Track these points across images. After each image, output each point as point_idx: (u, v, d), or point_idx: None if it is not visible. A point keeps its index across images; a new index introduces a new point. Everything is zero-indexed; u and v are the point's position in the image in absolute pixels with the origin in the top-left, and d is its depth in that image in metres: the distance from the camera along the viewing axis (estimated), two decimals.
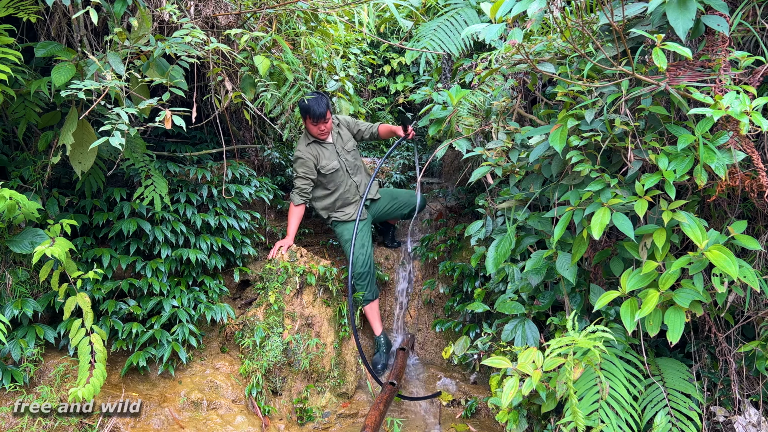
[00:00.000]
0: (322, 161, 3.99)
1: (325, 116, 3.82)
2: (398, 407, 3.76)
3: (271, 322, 3.70)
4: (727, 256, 1.95)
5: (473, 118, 3.11)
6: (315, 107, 3.77)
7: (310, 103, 3.77)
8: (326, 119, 3.83)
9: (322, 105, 3.79)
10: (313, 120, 3.81)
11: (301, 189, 3.99)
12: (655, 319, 2.14)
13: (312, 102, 3.77)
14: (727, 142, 2.06)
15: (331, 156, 4.03)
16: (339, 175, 4.07)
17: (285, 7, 3.47)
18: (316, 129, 3.86)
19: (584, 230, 2.34)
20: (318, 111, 3.76)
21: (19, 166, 3.36)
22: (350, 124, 4.27)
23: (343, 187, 4.12)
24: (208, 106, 4.01)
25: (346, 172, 4.12)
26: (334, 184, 4.08)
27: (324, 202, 4.13)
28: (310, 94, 3.78)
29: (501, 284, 3.34)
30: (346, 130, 4.23)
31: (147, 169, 3.60)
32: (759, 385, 2.55)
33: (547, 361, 2.27)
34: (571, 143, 2.30)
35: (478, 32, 2.46)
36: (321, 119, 3.81)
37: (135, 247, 3.60)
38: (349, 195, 4.15)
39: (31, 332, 3.15)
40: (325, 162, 4.00)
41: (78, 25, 3.00)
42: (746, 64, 2.06)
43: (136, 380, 3.44)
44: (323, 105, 3.79)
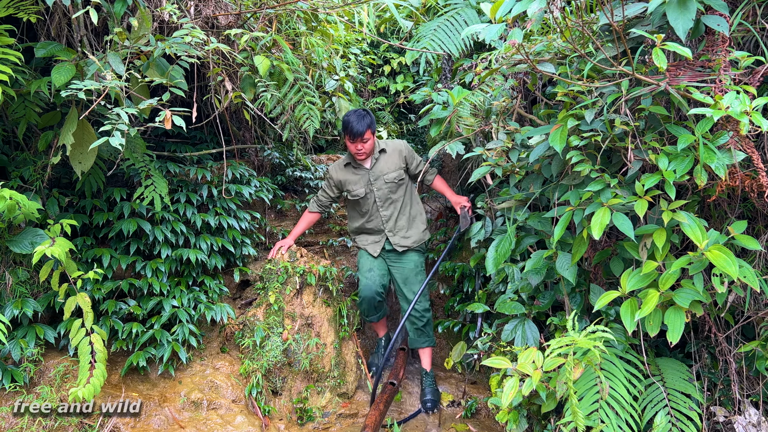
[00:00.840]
0: (348, 186, 3.80)
1: (363, 135, 3.57)
2: (398, 407, 3.76)
3: (271, 322, 3.70)
4: (727, 256, 1.95)
5: (473, 118, 3.11)
6: (355, 124, 3.56)
7: (350, 119, 3.58)
8: (364, 139, 3.58)
9: (363, 123, 3.56)
10: (351, 137, 3.59)
11: (320, 199, 3.92)
12: (655, 319, 2.14)
13: (353, 118, 3.58)
14: (727, 142, 2.06)
15: (360, 182, 3.77)
16: (366, 203, 3.81)
17: (285, 7, 3.47)
18: (354, 147, 3.64)
19: (584, 230, 2.34)
20: (357, 128, 3.54)
21: (19, 166, 3.36)
22: (405, 153, 3.85)
23: (368, 216, 3.85)
24: (208, 106, 4.01)
25: (374, 203, 3.81)
26: (360, 209, 3.86)
27: (352, 223, 3.99)
28: (353, 111, 3.63)
29: (501, 284, 3.35)
30: (396, 159, 3.81)
31: (147, 169, 3.61)
32: (759, 385, 2.55)
33: (547, 361, 2.27)
34: (571, 143, 2.30)
35: (478, 32, 2.46)
36: (359, 137, 3.56)
37: (135, 247, 3.60)
38: (372, 225, 3.86)
39: (31, 332, 3.15)
40: (352, 187, 3.79)
41: (78, 25, 3.00)
42: (746, 64, 2.06)
43: (136, 380, 3.44)
44: (364, 124, 3.56)
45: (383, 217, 3.82)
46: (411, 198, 3.93)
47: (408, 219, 3.88)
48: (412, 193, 3.94)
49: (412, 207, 3.92)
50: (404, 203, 3.87)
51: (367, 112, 3.60)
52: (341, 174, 3.81)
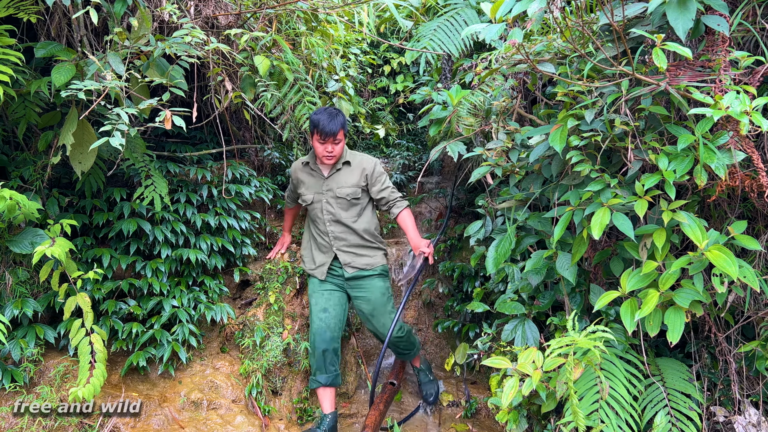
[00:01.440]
0: (301, 188, 3.48)
1: (335, 135, 3.22)
2: (398, 407, 3.76)
3: (271, 322, 3.70)
4: (727, 256, 1.95)
5: (473, 118, 3.11)
6: (327, 123, 3.19)
7: (320, 117, 3.22)
8: (336, 140, 3.24)
9: (336, 122, 3.21)
10: (322, 137, 3.22)
11: (287, 194, 3.77)
12: (655, 319, 2.14)
13: (323, 116, 3.22)
14: (727, 142, 2.06)
15: (312, 187, 3.44)
16: (314, 210, 3.46)
17: (285, 7, 3.47)
18: (323, 149, 3.27)
19: (584, 230, 2.34)
20: (329, 128, 3.19)
21: (19, 166, 3.36)
22: (368, 173, 3.44)
23: (318, 226, 3.47)
24: (208, 106, 4.01)
25: (322, 213, 3.42)
26: (311, 216, 3.52)
27: (305, 235, 3.64)
28: (324, 109, 3.29)
29: (501, 284, 3.35)
30: (357, 176, 3.41)
31: (147, 169, 3.61)
32: (759, 385, 2.55)
33: (547, 361, 2.27)
34: (571, 143, 2.30)
35: (478, 32, 2.46)
36: (330, 138, 3.21)
37: (135, 247, 3.60)
38: (321, 240, 3.47)
39: (31, 332, 3.15)
40: (303, 190, 3.47)
41: (78, 25, 3.00)
42: (746, 64, 2.06)
43: (136, 380, 3.44)
44: (337, 123, 3.22)
45: (330, 233, 3.43)
46: (367, 222, 3.46)
47: (361, 241, 3.45)
48: (369, 218, 3.49)
49: (365, 232, 3.44)
50: (356, 226, 3.42)
51: (339, 112, 3.28)
52: (299, 173, 3.50)
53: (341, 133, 3.26)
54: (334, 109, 3.28)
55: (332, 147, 3.27)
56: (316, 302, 3.41)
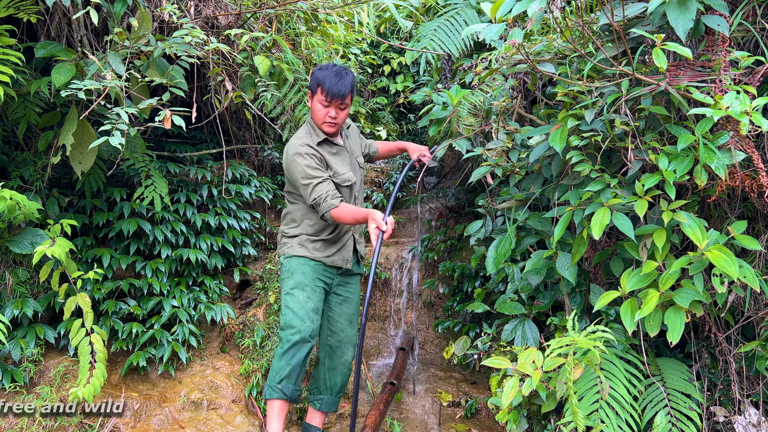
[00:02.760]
0: (336, 166, 2.83)
1: (345, 98, 2.71)
2: (398, 407, 3.76)
3: (271, 322, 3.70)
4: (727, 256, 1.95)
5: (473, 118, 3.11)
6: (334, 81, 2.67)
7: (326, 74, 2.69)
8: (343, 104, 2.74)
9: (345, 82, 2.70)
10: (327, 97, 2.68)
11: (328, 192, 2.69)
12: (655, 319, 2.13)
13: (330, 73, 2.69)
14: (727, 142, 2.06)
15: (346, 163, 2.90)
16: (350, 193, 2.92)
17: (285, 7, 3.47)
18: (324, 113, 2.72)
19: (584, 230, 2.34)
20: (337, 89, 2.67)
21: (19, 166, 3.36)
22: (359, 134, 3.18)
23: None
24: (208, 106, 4.01)
25: (354, 194, 2.96)
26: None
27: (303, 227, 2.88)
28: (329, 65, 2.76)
29: (501, 284, 3.34)
30: (358, 137, 3.13)
31: (147, 169, 3.61)
32: (759, 385, 2.55)
33: (547, 361, 2.27)
34: (571, 143, 2.30)
35: (478, 32, 2.46)
36: (337, 100, 2.69)
37: (135, 247, 3.60)
38: (345, 227, 2.94)
39: (31, 332, 3.15)
40: (340, 169, 2.84)
41: (78, 25, 3.00)
42: (746, 64, 2.06)
43: (136, 380, 3.43)
44: (347, 83, 2.71)
45: None
46: None
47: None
48: None
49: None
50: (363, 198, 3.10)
51: (348, 70, 2.77)
52: (323, 150, 2.82)
53: (350, 96, 2.75)
54: (342, 67, 2.77)
55: (336, 112, 2.74)
56: (308, 297, 2.80)
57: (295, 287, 2.81)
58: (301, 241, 2.89)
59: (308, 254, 2.88)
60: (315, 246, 2.90)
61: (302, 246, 2.89)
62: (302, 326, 2.72)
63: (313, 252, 2.89)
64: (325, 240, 2.91)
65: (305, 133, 2.82)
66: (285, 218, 3.00)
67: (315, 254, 2.89)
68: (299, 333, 2.71)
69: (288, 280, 2.86)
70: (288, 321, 2.76)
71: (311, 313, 2.77)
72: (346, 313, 3.01)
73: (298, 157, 2.71)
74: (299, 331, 2.72)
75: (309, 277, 2.86)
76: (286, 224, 2.99)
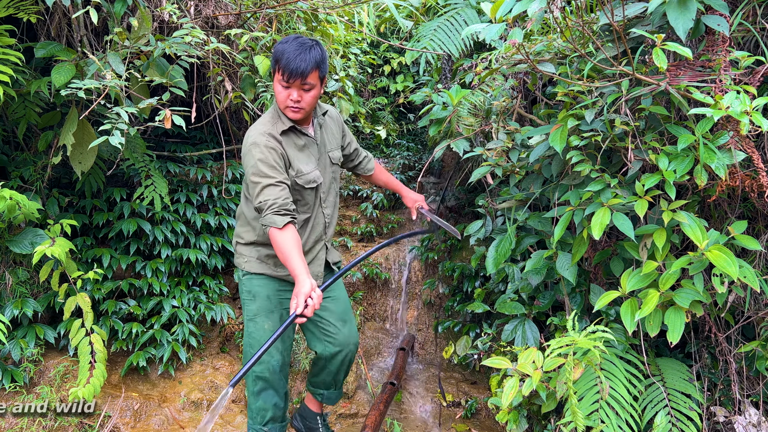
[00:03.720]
0: (297, 163, 2.38)
1: (306, 76, 2.22)
2: (398, 407, 3.76)
3: None
4: (727, 257, 1.95)
5: (473, 118, 3.11)
6: (293, 56, 2.19)
7: (286, 47, 2.22)
8: (307, 84, 2.24)
9: (307, 58, 2.20)
10: (285, 75, 2.21)
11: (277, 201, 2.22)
12: (656, 320, 2.13)
13: (291, 46, 2.21)
14: (728, 142, 2.06)
15: (311, 158, 2.44)
16: (315, 195, 2.48)
17: (285, 7, 3.47)
18: (284, 96, 2.27)
19: (584, 230, 2.34)
20: (296, 64, 2.19)
21: (19, 166, 3.36)
22: (342, 125, 2.69)
23: (313, 219, 2.49)
24: (208, 106, 4.01)
25: (320, 197, 2.51)
26: (304, 208, 2.45)
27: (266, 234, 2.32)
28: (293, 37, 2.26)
29: (501, 284, 3.34)
30: (336, 129, 2.63)
31: (147, 169, 3.61)
32: (759, 385, 2.55)
33: (547, 361, 2.27)
34: (571, 143, 2.30)
35: (478, 32, 2.46)
36: (296, 78, 2.21)
37: (135, 247, 3.61)
38: (314, 235, 2.52)
39: (31, 332, 3.15)
40: (303, 166, 2.39)
41: (78, 25, 3.00)
42: (746, 64, 2.06)
43: (136, 380, 3.44)
44: (309, 59, 2.21)
45: (327, 217, 2.56)
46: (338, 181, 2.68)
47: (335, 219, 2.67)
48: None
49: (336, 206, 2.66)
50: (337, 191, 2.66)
51: (316, 44, 2.27)
52: (286, 143, 2.36)
53: (314, 75, 2.25)
54: (310, 40, 2.28)
55: (299, 95, 2.27)
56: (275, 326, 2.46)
57: (258, 314, 2.46)
58: (259, 255, 2.45)
59: (269, 272, 2.44)
60: (276, 261, 2.42)
61: (261, 262, 2.45)
62: (271, 360, 2.44)
63: (274, 269, 2.45)
64: None
65: (269, 119, 2.37)
66: (239, 219, 2.54)
67: (277, 271, 2.45)
68: (269, 368, 2.44)
69: (250, 303, 2.49)
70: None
71: (279, 343, 2.47)
72: (336, 312, 2.64)
73: (254, 148, 2.27)
74: (269, 367, 2.43)
75: (274, 300, 2.47)
76: (240, 226, 2.52)
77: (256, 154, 2.26)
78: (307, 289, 2.05)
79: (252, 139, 2.31)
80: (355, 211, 5.13)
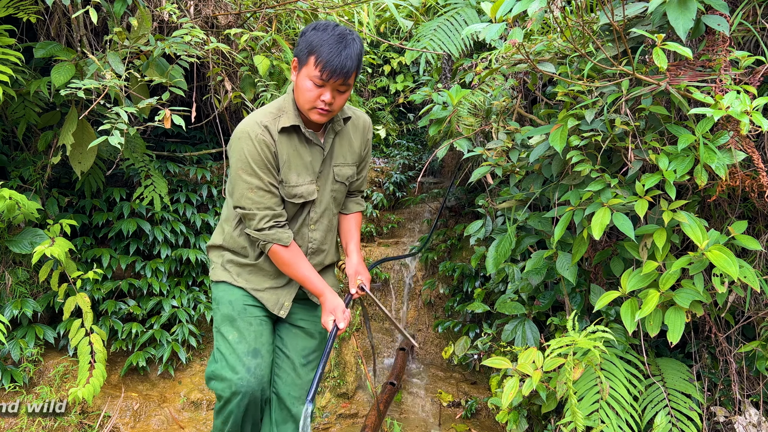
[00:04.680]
0: (289, 171, 2.03)
1: (349, 76, 1.90)
2: (398, 407, 3.76)
3: None
4: (727, 257, 1.95)
5: (473, 118, 3.11)
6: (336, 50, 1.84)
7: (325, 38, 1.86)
8: (347, 84, 1.92)
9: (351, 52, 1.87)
10: (325, 73, 1.86)
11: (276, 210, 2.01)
12: (656, 320, 2.13)
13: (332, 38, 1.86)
14: (728, 142, 2.05)
15: (309, 169, 2.07)
16: (301, 212, 2.13)
17: (285, 7, 3.47)
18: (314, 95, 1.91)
19: (584, 230, 2.34)
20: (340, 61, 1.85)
21: (18, 166, 3.36)
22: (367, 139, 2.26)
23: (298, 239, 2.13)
24: (207, 106, 4.01)
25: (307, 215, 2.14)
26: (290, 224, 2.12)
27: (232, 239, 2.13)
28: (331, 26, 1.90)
29: (501, 284, 3.34)
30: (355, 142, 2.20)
31: (147, 169, 3.61)
32: (759, 385, 2.55)
33: (548, 361, 2.27)
34: (572, 143, 2.30)
35: (478, 32, 2.46)
36: (339, 78, 1.87)
37: (135, 247, 3.60)
38: None
39: (31, 332, 3.15)
40: (294, 177, 2.04)
41: (78, 24, 3.00)
42: (747, 63, 2.06)
43: (136, 380, 3.43)
44: (353, 54, 1.88)
45: (311, 241, 2.17)
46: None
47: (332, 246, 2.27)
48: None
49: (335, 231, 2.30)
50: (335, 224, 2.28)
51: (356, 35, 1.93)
52: (282, 143, 2.01)
53: (356, 74, 1.93)
54: (348, 29, 1.92)
55: (333, 96, 1.92)
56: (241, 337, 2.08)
57: (223, 323, 2.12)
58: (222, 261, 2.16)
59: (231, 280, 2.13)
60: (237, 271, 2.12)
61: (224, 269, 2.15)
62: (234, 377, 2.02)
63: (236, 279, 2.13)
64: (253, 266, 2.11)
65: (271, 111, 2.01)
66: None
67: (239, 281, 2.13)
68: (231, 387, 2.03)
69: (215, 312, 2.16)
70: (216, 370, 2.08)
71: (246, 357, 2.05)
72: (297, 348, 2.21)
73: (245, 141, 1.94)
74: (231, 384, 2.02)
75: (237, 306, 2.11)
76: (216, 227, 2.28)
77: (246, 146, 1.95)
78: (339, 302, 1.98)
79: (243, 128, 1.98)
80: None
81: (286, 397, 2.18)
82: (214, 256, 2.23)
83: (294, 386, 2.19)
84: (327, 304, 2.01)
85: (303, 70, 1.92)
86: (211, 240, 2.23)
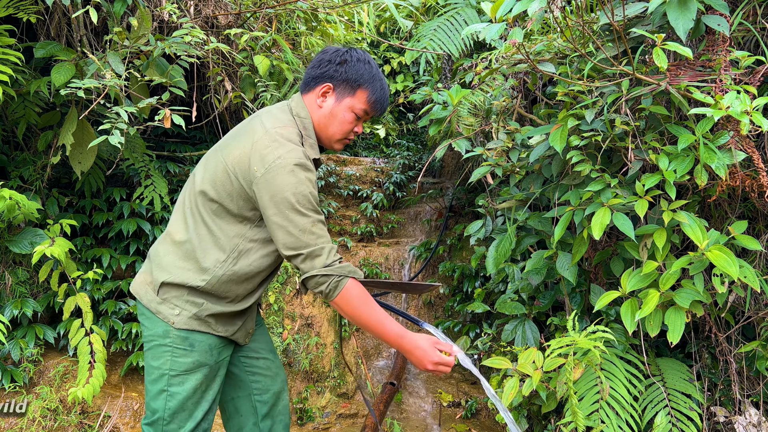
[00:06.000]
0: None
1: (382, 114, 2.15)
2: (398, 407, 3.76)
3: (271, 322, 3.70)
4: (727, 257, 1.95)
5: (473, 118, 3.11)
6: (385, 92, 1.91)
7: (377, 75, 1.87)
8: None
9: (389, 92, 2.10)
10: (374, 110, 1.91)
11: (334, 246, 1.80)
12: (656, 320, 2.13)
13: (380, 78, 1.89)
14: (728, 142, 2.05)
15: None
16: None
17: (285, 7, 3.47)
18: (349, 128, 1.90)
19: (584, 230, 2.34)
20: (386, 101, 1.94)
21: (19, 166, 3.36)
22: None
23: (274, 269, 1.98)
24: (207, 106, 4.01)
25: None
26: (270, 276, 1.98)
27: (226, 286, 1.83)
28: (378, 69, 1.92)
29: (501, 284, 3.34)
30: None
31: (147, 169, 3.61)
32: (759, 385, 2.55)
33: (548, 361, 2.27)
34: (572, 143, 2.30)
35: (478, 32, 2.46)
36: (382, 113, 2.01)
37: (135, 247, 3.60)
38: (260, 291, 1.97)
39: (31, 332, 3.15)
40: None
41: (78, 24, 3.00)
42: (747, 63, 2.06)
43: (136, 380, 3.43)
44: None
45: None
46: None
47: None
48: None
49: None
50: None
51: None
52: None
53: None
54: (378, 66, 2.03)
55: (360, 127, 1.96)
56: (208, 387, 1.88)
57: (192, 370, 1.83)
58: (199, 312, 1.82)
59: (211, 331, 1.86)
60: (219, 320, 1.87)
61: (202, 321, 1.83)
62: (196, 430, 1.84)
63: (215, 328, 1.87)
64: (237, 312, 1.91)
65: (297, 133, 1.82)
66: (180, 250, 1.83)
67: (218, 330, 1.88)
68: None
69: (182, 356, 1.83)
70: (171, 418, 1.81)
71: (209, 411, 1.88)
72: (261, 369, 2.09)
73: (300, 170, 1.72)
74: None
75: (214, 354, 1.88)
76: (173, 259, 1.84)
77: (303, 175, 1.71)
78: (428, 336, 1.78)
79: (290, 158, 1.71)
80: (355, 211, 5.13)
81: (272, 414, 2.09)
82: (180, 301, 1.82)
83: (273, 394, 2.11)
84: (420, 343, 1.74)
85: (346, 101, 1.84)
86: (174, 276, 1.81)
